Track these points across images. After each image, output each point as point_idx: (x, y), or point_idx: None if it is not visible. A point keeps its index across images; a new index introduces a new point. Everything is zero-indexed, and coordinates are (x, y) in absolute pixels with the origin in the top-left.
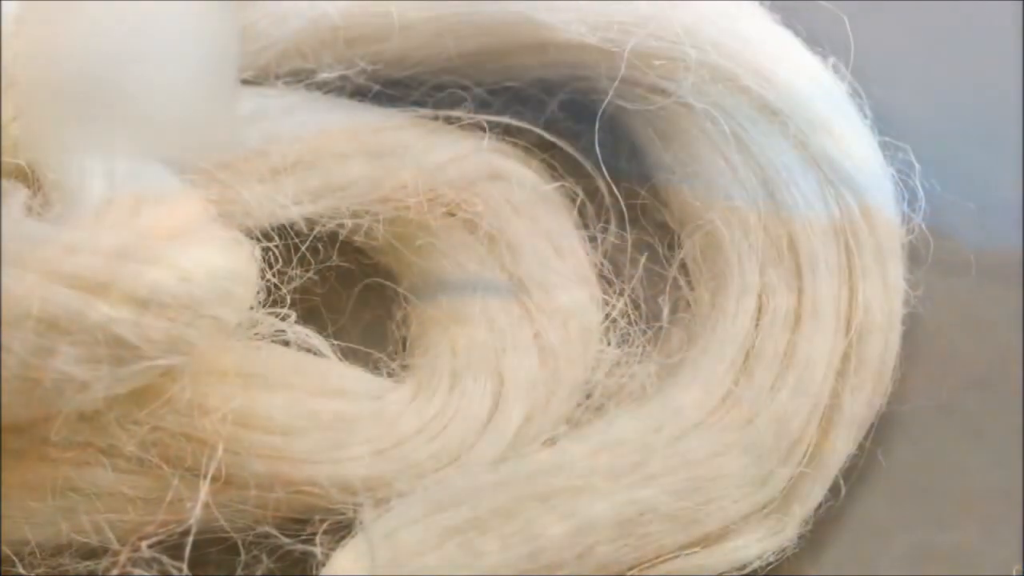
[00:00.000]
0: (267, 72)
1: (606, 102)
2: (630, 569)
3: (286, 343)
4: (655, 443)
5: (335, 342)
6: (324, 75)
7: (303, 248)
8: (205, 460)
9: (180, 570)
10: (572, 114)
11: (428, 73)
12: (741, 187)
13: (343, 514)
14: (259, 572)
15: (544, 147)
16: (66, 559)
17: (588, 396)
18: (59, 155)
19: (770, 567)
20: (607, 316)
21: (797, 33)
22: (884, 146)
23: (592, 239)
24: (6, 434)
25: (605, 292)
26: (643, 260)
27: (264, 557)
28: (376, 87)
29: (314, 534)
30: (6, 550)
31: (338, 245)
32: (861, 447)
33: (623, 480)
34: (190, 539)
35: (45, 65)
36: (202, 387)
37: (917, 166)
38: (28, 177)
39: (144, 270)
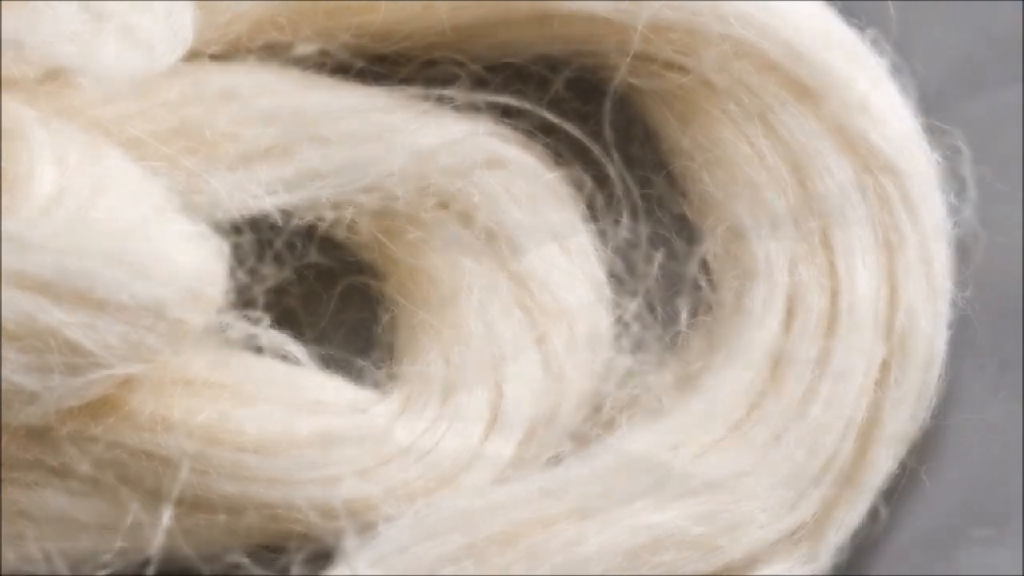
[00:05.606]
0: (237, 46)
1: (617, 80)
2: None
3: (259, 350)
4: (672, 462)
5: (314, 348)
6: (302, 50)
7: (278, 243)
8: (168, 481)
9: None
10: (579, 93)
11: (418, 48)
12: (768, 175)
13: (323, 541)
14: None
15: (548, 130)
16: None
17: (597, 409)
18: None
19: None
20: (619, 319)
21: (832, 3)
22: (929, 129)
23: (602, 233)
24: None
25: (616, 292)
26: (659, 257)
27: None
28: (360, 63)
29: (291, 563)
30: None
31: (317, 240)
32: (903, 465)
33: (636, 503)
34: (151, 569)
35: None
36: (165, 399)
37: (966, 152)
38: None
39: (100, 268)
